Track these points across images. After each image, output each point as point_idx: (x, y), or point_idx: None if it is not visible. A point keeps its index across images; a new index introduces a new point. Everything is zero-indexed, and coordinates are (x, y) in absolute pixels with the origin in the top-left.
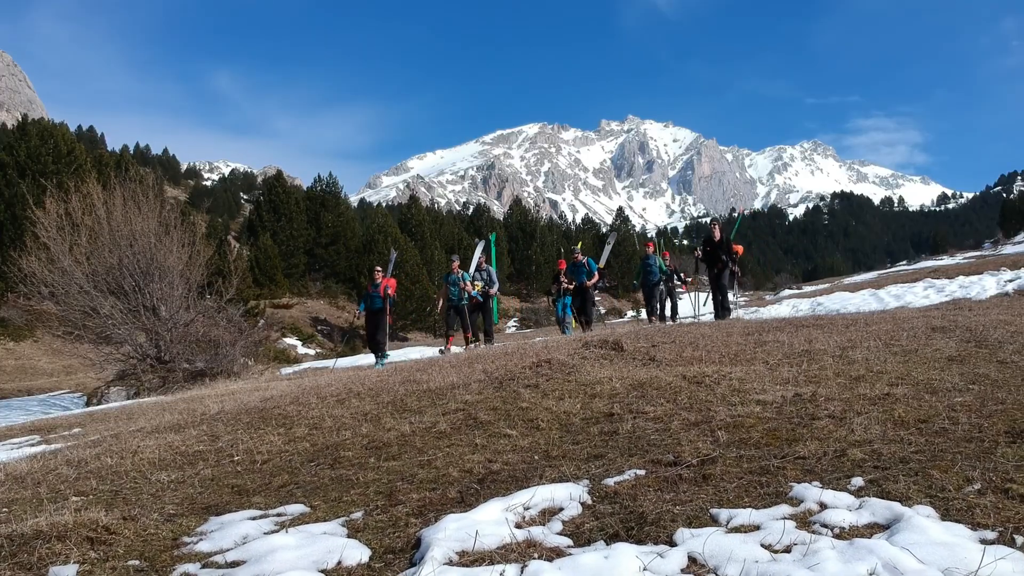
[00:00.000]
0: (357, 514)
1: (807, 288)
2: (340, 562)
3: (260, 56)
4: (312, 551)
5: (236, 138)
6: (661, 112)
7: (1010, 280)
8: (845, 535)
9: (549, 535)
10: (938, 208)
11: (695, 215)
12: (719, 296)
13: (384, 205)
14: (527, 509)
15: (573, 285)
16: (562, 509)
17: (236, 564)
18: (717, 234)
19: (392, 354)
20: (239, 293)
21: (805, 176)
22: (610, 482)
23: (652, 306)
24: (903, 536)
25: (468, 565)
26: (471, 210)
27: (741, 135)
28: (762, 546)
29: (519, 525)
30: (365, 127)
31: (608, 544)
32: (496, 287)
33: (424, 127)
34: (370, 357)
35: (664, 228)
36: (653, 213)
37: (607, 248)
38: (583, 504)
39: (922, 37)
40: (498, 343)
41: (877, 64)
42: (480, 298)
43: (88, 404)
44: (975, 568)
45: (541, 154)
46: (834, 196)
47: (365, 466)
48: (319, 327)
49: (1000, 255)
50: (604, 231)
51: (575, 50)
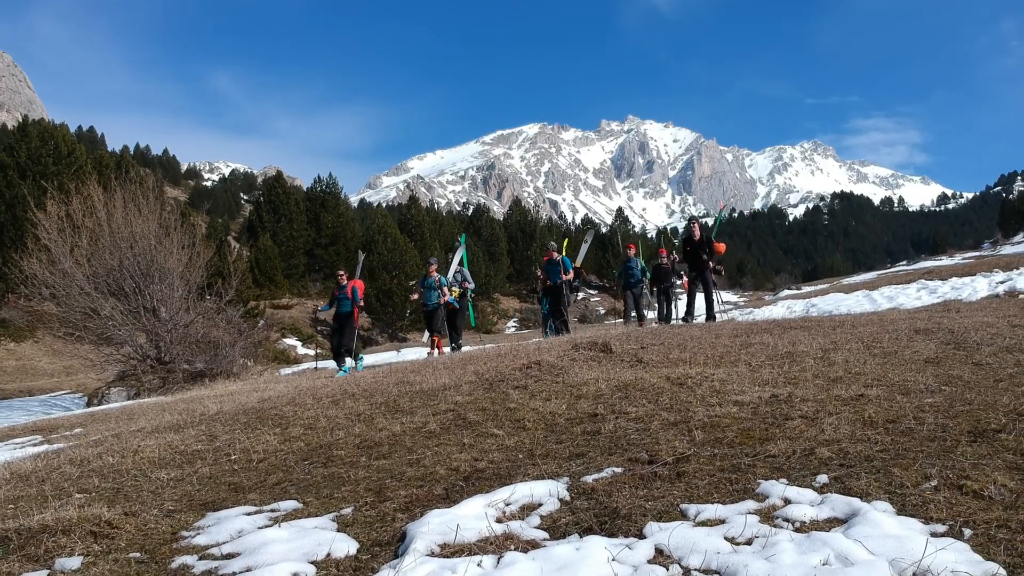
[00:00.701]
0: (347, 510)
1: (806, 288)
2: (329, 554)
3: (260, 56)
4: (303, 544)
5: (236, 138)
6: (661, 112)
7: (1001, 282)
8: (805, 529)
9: (527, 529)
10: (938, 208)
11: (695, 215)
12: (708, 297)
13: (384, 205)
14: (508, 505)
15: (547, 284)
16: (541, 505)
17: (231, 556)
18: (697, 233)
19: (390, 356)
20: (239, 294)
21: (805, 176)
22: (588, 479)
23: (639, 311)
24: (858, 529)
25: (448, 556)
26: (471, 210)
27: (741, 135)
28: (725, 539)
29: (499, 520)
30: (365, 127)
31: (581, 537)
32: (471, 285)
33: (424, 127)
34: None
35: (664, 228)
36: (653, 213)
37: (584, 247)
38: (561, 500)
39: (922, 37)
40: (493, 344)
41: (877, 64)
42: (456, 304)
43: (89, 404)
44: (919, 558)
45: (541, 154)
46: (834, 196)
47: (356, 464)
48: (319, 327)
49: (998, 255)
50: (604, 231)
51: (575, 50)
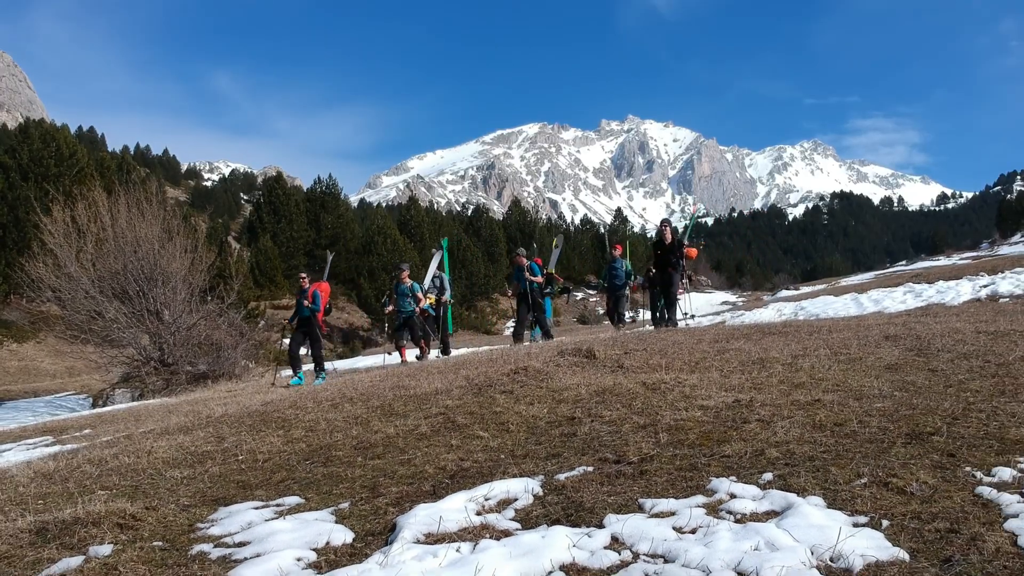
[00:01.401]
0: (344, 504)
1: (805, 288)
2: (328, 542)
3: (260, 56)
4: (305, 534)
5: (236, 138)
6: (661, 112)
7: (984, 286)
8: (744, 520)
9: (502, 520)
10: (938, 208)
11: (698, 214)
12: (669, 301)
13: (384, 205)
14: (487, 500)
15: (516, 289)
16: (516, 500)
17: (242, 544)
18: (668, 237)
19: (390, 358)
20: (240, 296)
21: (805, 176)
22: (561, 477)
23: (620, 313)
24: (789, 520)
25: (431, 543)
26: (470, 210)
27: (741, 135)
28: (673, 528)
29: (479, 513)
30: (365, 127)
31: (548, 527)
32: (448, 293)
33: (424, 127)
34: (370, 360)
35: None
36: (653, 213)
37: (555, 253)
38: (535, 496)
39: (921, 38)
40: (488, 347)
41: (876, 64)
42: (432, 311)
43: (94, 406)
44: (834, 543)
45: (541, 154)
46: (833, 196)
47: (353, 464)
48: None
49: (996, 255)
50: (603, 231)
51: (575, 50)
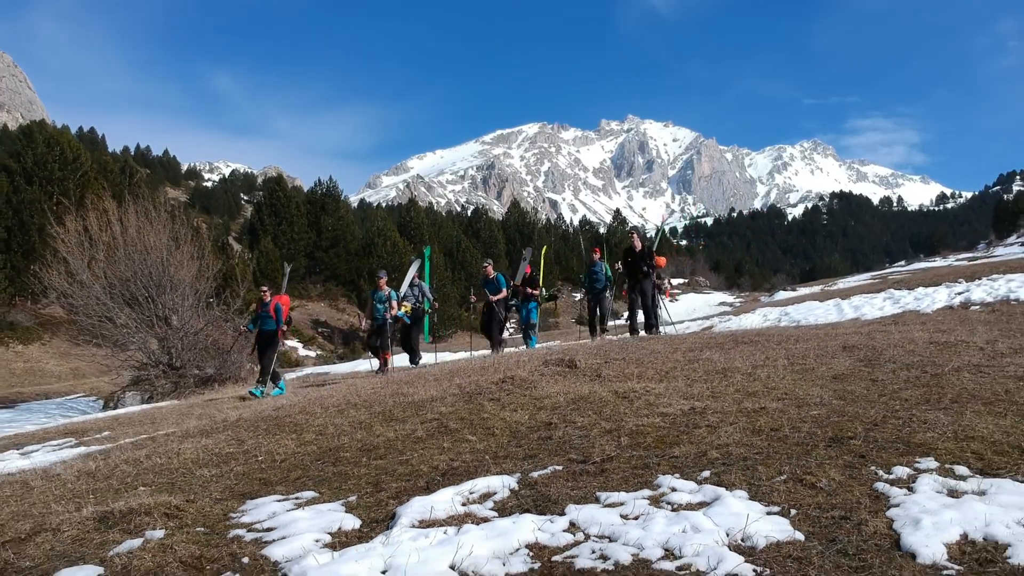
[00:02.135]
0: (352, 497)
1: (802, 290)
2: (340, 527)
3: (260, 56)
4: (321, 521)
5: (236, 138)
6: (661, 111)
7: (960, 293)
8: (678, 509)
9: (482, 510)
10: (937, 208)
11: (695, 215)
12: (645, 308)
13: (384, 205)
14: (471, 493)
15: (475, 301)
16: (495, 493)
17: (270, 529)
18: (638, 244)
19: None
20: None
21: (805, 175)
22: (534, 475)
23: (602, 318)
24: (714, 509)
25: (424, 528)
26: (470, 211)
27: (741, 135)
28: (620, 516)
29: (464, 504)
30: (365, 127)
31: (520, 515)
32: (427, 302)
33: (424, 127)
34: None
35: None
36: (653, 213)
37: (522, 264)
38: (511, 490)
39: (920, 38)
40: (485, 351)
41: (875, 65)
42: (407, 320)
43: (105, 408)
44: (743, 526)
45: (541, 154)
46: (833, 196)
47: (359, 464)
48: (320, 329)
49: (991, 256)
50: (602, 232)
51: (575, 50)
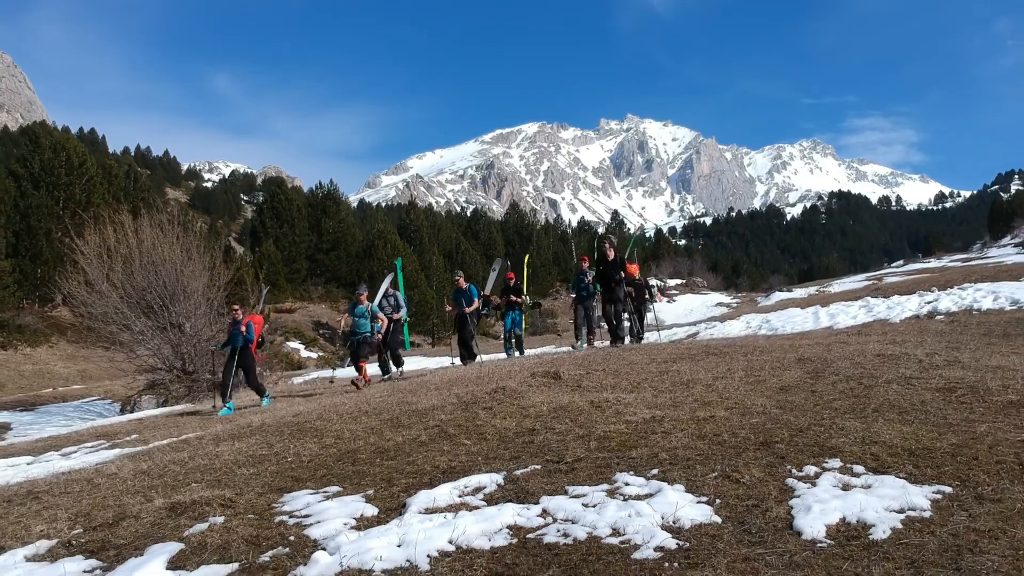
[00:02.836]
0: (370, 491)
1: (797, 291)
2: (362, 514)
3: (259, 56)
4: (346, 509)
5: (235, 138)
6: (660, 111)
7: (929, 302)
8: (628, 499)
9: (474, 500)
10: (935, 207)
11: (694, 214)
12: (618, 316)
13: (384, 205)
14: (465, 488)
15: (454, 309)
16: (484, 488)
17: (307, 516)
18: (611, 254)
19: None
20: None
21: (804, 175)
22: (518, 473)
23: (590, 326)
24: (655, 499)
25: (429, 514)
26: (470, 211)
27: (740, 134)
28: (582, 504)
29: (460, 496)
30: (364, 127)
31: (503, 504)
32: (403, 311)
33: (423, 127)
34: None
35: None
36: (652, 212)
37: (492, 275)
38: (498, 485)
39: (917, 38)
40: (485, 356)
41: (873, 65)
42: (381, 332)
43: (122, 411)
44: (675, 512)
45: (540, 153)
46: (832, 195)
47: (374, 464)
48: (321, 331)
49: (985, 257)
50: (601, 232)
51: (573, 50)
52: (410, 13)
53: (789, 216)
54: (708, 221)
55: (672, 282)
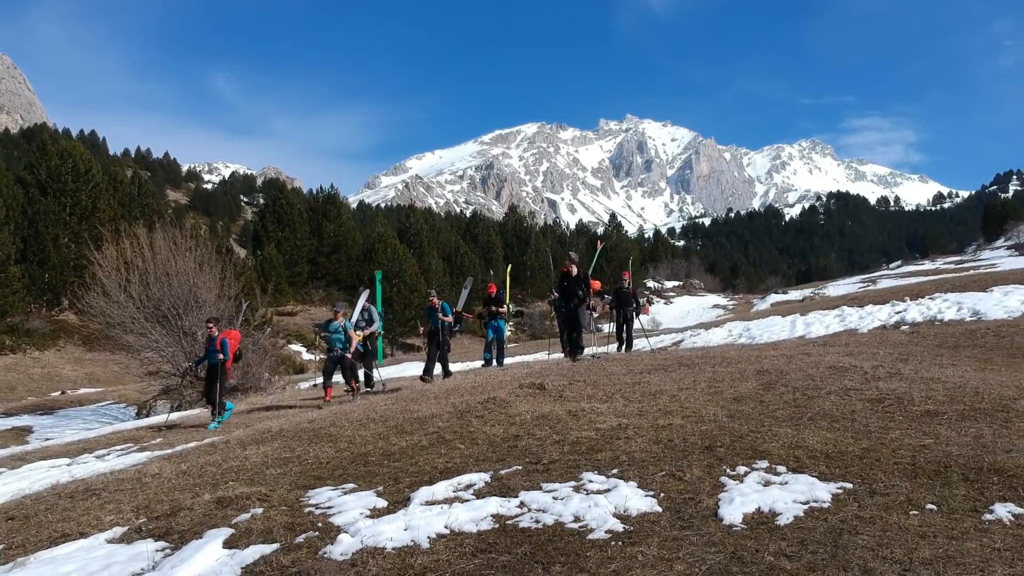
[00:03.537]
0: (380, 488)
1: (792, 293)
2: (375, 506)
3: (259, 57)
4: (362, 502)
5: (235, 139)
6: (659, 111)
7: (898, 312)
8: (590, 493)
9: (465, 495)
10: (934, 208)
11: (693, 214)
12: (579, 332)
13: (383, 206)
14: (459, 484)
15: (428, 328)
16: (474, 484)
17: (330, 507)
18: (573, 270)
19: (386, 372)
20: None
21: (803, 175)
22: (502, 472)
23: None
24: (612, 493)
25: (429, 505)
26: (469, 212)
27: (739, 134)
28: (552, 497)
29: (454, 491)
30: (364, 127)
31: (489, 498)
32: (376, 325)
33: (423, 127)
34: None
35: (658, 229)
36: (652, 212)
37: (464, 292)
38: (485, 482)
39: (915, 38)
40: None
41: (871, 65)
42: (361, 348)
43: (138, 415)
44: (625, 503)
45: (540, 154)
46: (830, 196)
47: (382, 465)
48: (322, 333)
49: (977, 260)
50: (599, 233)
51: (573, 50)
52: (410, 13)
53: (788, 217)
54: (707, 222)
55: (669, 284)
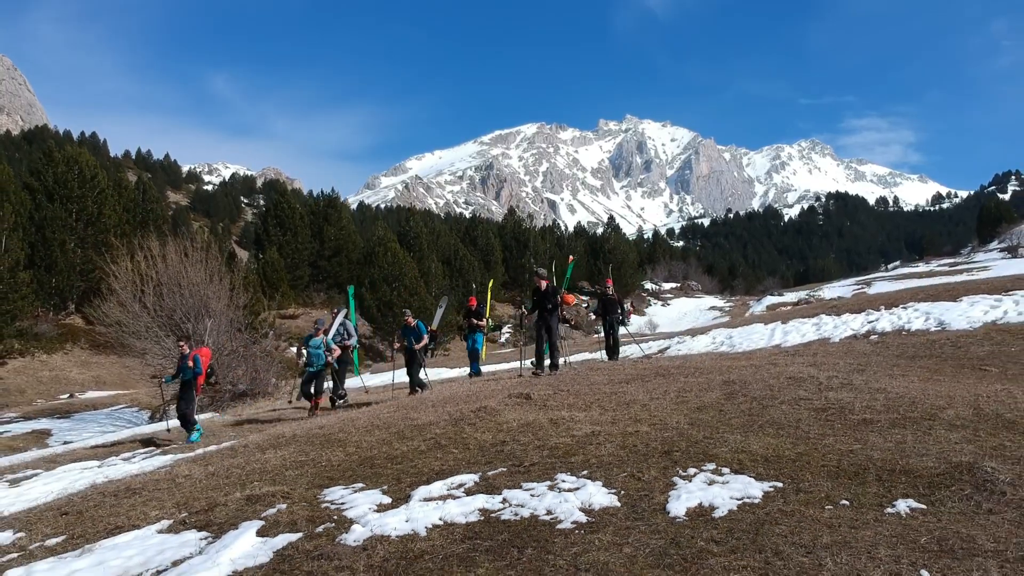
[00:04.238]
0: (385, 487)
1: (788, 295)
2: (381, 503)
3: (258, 58)
4: (370, 499)
5: (234, 139)
6: (659, 112)
7: (871, 321)
8: (562, 491)
9: (457, 492)
10: (932, 208)
11: (693, 215)
12: (551, 344)
13: (383, 207)
14: (452, 484)
15: (403, 346)
16: (465, 484)
17: (343, 503)
18: (542, 285)
19: (386, 375)
20: (252, 309)
21: (803, 175)
22: (490, 473)
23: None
24: (580, 491)
25: (426, 502)
26: (469, 212)
27: (739, 135)
28: (530, 495)
29: (448, 490)
30: (364, 128)
31: (477, 495)
32: (353, 339)
33: (422, 128)
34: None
35: (657, 229)
36: (651, 213)
37: (439, 312)
38: (475, 482)
39: (913, 38)
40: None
41: (870, 65)
42: (336, 365)
43: (151, 419)
44: (590, 499)
45: (539, 154)
46: (829, 196)
47: (386, 467)
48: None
49: (971, 262)
50: (599, 234)
51: (572, 51)
52: (410, 13)
53: (787, 217)
54: (706, 222)
55: (667, 285)
